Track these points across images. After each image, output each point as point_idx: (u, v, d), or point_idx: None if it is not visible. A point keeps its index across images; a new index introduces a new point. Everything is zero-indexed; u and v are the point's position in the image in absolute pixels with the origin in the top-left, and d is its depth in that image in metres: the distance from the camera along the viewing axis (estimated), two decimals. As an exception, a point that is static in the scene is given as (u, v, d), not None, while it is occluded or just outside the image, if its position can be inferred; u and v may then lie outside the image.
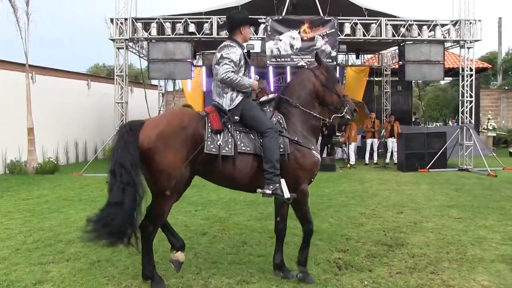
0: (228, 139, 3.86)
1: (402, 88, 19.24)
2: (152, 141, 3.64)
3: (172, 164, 3.67)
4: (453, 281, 4.14)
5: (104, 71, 35.35)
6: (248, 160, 3.92)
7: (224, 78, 3.90)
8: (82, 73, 20.07)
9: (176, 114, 4.01)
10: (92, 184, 10.37)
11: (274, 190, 3.82)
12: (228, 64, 3.89)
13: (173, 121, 3.80)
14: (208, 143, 3.78)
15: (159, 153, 3.64)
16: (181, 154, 3.70)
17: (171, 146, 3.66)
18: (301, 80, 4.37)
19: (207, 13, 12.59)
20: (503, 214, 6.98)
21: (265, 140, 3.88)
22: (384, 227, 6.16)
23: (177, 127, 3.74)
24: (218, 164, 3.82)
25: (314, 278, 4.15)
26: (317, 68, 4.38)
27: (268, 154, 3.84)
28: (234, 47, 4.00)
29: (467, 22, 12.83)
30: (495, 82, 29.83)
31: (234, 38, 4.12)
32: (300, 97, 4.23)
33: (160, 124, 3.77)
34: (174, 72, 12.46)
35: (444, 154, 13.03)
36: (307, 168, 4.10)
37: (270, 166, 3.83)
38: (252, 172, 3.94)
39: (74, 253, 4.99)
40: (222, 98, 4.03)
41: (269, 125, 3.95)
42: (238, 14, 4.26)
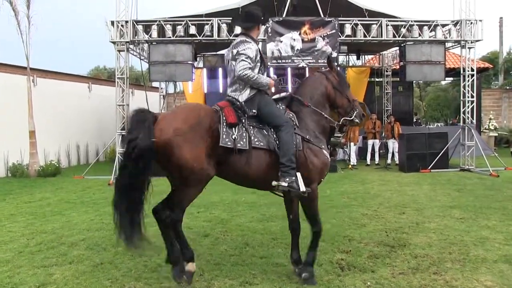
0: (242, 133, 3.86)
1: (403, 89, 19.22)
2: (170, 136, 3.62)
3: (192, 158, 3.65)
4: (456, 281, 4.13)
5: (105, 74, 35.38)
6: (261, 155, 3.92)
7: (241, 75, 3.91)
8: (83, 75, 20.14)
9: (191, 109, 3.97)
10: (94, 187, 10.39)
11: (290, 183, 3.83)
12: (245, 61, 3.92)
13: (189, 115, 3.78)
14: (223, 137, 3.77)
15: (178, 147, 3.62)
16: (200, 148, 3.69)
17: (189, 141, 3.65)
18: (314, 82, 4.46)
19: (208, 15, 12.60)
20: (505, 214, 6.97)
21: (282, 134, 3.90)
22: (386, 227, 6.15)
23: (194, 122, 3.72)
24: (233, 158, 3.82)
25: (317, 279, 4.15)
26: (329, 72, 4.49)
27: (285, 147, 3.86)
28: (250, 43, 4.02)
29: (468, 22, 12.82)
30: (497, 82, 29.81)
31: (249, 34, 4.14)
32: (313, 98, 4.30)
33: (176, 119, 3.76)
34: (175, 74, 12.47)
35: (445, 155, 13.01)
36: (318, 167, 4.13)
37: (287, 159, 3.84)
38: (265, 168, 3.94)
39: (77, 256, 5.00)
40: (237, 93, 4.06)
41: (285, 119, 4.02)
42: (259, 11, 4.24)
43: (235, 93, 4.07)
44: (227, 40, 12.64)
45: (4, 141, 12.24)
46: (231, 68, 4.07)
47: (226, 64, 4.23)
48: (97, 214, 7.32)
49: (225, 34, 12.29)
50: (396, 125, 14.58)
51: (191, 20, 12.31)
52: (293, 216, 4.38)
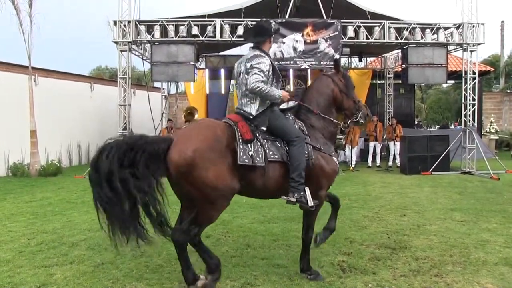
0: (258, 148, 3.86)
1: (404, 91, 19.21)
2: (189, 157, 3.54)
3: (216, 176, 3.61)
4: (457, 284, 4.14)
5: (107, 74, 35.43)
6: (276, 168, 3.95)
7: (253, 88, 3.91)
8: (85, 75, 20.13)
9: (207, 127, 3.87)
10: (95, 187, 10.37)
11: (299, 198, 3.90)
12: (257, 74, 3.93)
13: (207, 134, 3.72)
14: (240, 154, 3.74)
15: (199, 168, 3.55)
16: (221, 166, 3.65)
17: (210, 159, 3.60)
18: (321, 86, 4.48)
19: (211, 15, 12.63)
20: (506, 217, 6.97)
21: (293, 149, 3.94)
22: (387, 230, 6.16)
23: (212, 140, 3.68)
24: (251, 174, 3.82)
25: (318, 281, 4.17)
26: (335, 74, 4.53)
27: (296, 163, 3.90)
28: (264, 57, 4.04)
29: (470, 25, 12.83)
30: (498, 85, 29.81)
31: (261, 48, 4.17)
32: (320, 104, 4.35)
33: (193, 138, 3.68)
34: (177, 75, 12.49)
35: (446, 157, 13.01)
36: (328, 175, 4.21)
37: (297, 175, 3.90)
38: (279, 179, 3.97)
39: (78, 256, 5.00)
40: (248, 107, 4.06)
41: (297, 134, 4.02)
42: (269, 25, 4.30)
43: (246, 107, 4.07)
44: (230, 41, 12.68)
45: (5, 140, 12.25)
46: (243, 82, 4.08)
47: (237, 77, 4.23)
48: (98, 214, 7.31)
49: (228, 35, 12.31)
50: (398, 127, 14.57)
51: (193, 21, 12.33)
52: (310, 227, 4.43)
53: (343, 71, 4.61)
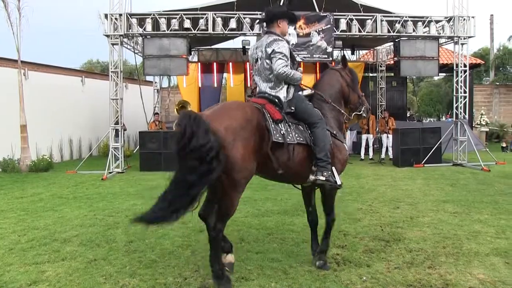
0: (287, 128, 3.95)
1: (397, 84, 19.27)
2: (221, 134, 3.50)
3: (243, 157, 3.59)
4: (450, 275, 4.17)
5: (98, 67, 35.12)
6: (301, 150, 4.03)
7: (281, 73, 3.99)
8: (76, 69, 19.95)
9: (238, 107, 3.88)
10: (87, 182, 10.32)
11: (327, 177, 4.03)
12: (282, 59, 4.00)
13: (238, 113, 3.72)
14: (274, 133, 3.81)
15: (230, 146, 3.53)
16: (250, 146, 3.65)
17: (240, 139, 3.59)
18: (330, 79, 4.65)
19: (203, 8, 12.53)
20: (496, 208, 7.06)
21: (318, 131, 4.06)
22: (381, 222, 6.18)
23: (243, 120, 3.68)
24: (278, 153, 3.86)
25: (312, 274, 4.18)
26: (343, 69, 4.72)
27: (321, 144, 4.03)
28: (282, 41, 4.11)
29: (461, 18, 12.86)
30: (488, 78, 29.97)
31: (274, 32, 4.21)
32: (332, 96, 4.52)
33: (224, 117, 3.66)
34: (170, 68, 12.38)
35: (438, 149, 13.09)
36: (342, 162, 4.40)
37: (324, 155, 4.02)
38: (303, 162, 4.06)
39: (70, 252, 4.95)
40: (277, 91, 4.12)
41: (320, 116, 4.19)
42: (275, 8, 4.42)
43: (272, 91, 4.13)
44: (222, 34, 12.61)
45: (-5, 135, 12.11)
46: (264, 66, 4.13)
47: (253, 63, 4.31)
48: (90, 209, 7.28)
49: (220, 28, 12.22)
50: (390, 120, 14.61)
51: (185, 14, 12.22)
52: (312, 208, 4.62)
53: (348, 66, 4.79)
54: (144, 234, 5.59)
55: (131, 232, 5.75)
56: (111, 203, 7.79)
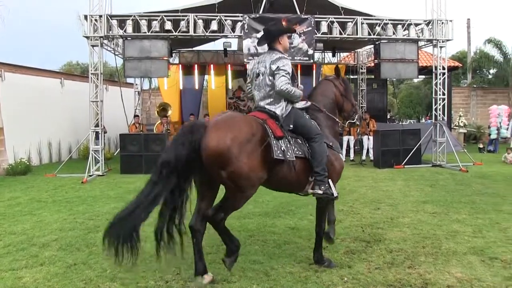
0: (287, 144, 4.06)
1: (377, 86, 19.50)
2: (227, 145, 3.64)
3: (249, 167, 3.74)
4: (429, 274, 4.23)
5: (78, 69, 34.67)
6: (300, 163, 4.14)
7: (283, 89, 4.11)
8: (55, 71, 19.65)
9: (244, 120, 3.99)
10: (67, 185, 10.17)
11: (325, 190, 4.19)
12: (285, 76, 4.13)
13: (244, 126, 3.84)
14: (275, 149, 3.92)
15: (235, 156, 3.67)
16: (255, 158, 3.79)
17: (246, 151, 3.73)
18: (325, 89, 4.78)
19: (184, 10, 12.48)
20: (474, 208, 7.20)
21: (316, 145, 4.19)
22: (362, 223, 6.24)
23: (249, 133, 3.81)
24: (279, 168, 3.99)
25: (294, 275, 4.20)
26: (336, 79, 4.86)
27: (319, 158, 4.16)
28: (286, 59, 4.25)
29: (439, 22, 13.08)
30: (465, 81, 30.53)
31: (276, 48, 4.34)
32: (326, 105, 4.65)
33: (230, 128, 3.78)
34: (150, 70, 12.28)
35: (418, 151, 13.27)
36: (338, 172, 4.55)
37: (321, 169, 4.16)
38: (302, 174, 4.18)
39: (49, 257, 4.86)
40: (275, 107, 4.23)
41: (318, 131, 4.30)
42: (274, 26, 4.54)
43: (271, 106, 4.24)
44: (203, 36, 12.58)
45: (-29, 138, 11.83)
46: (266, 82, 4.24)
47: (254, 77, 4.42)
48: (70, 213, 7.17)
49: (201, 30, 12.19)
50: (371, 121, 14.76)
51: (166, 16, 12.15)
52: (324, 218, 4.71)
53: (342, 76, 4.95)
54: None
55: (111, 236, 5.68)
56: (91, 207, 7.69)
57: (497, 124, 17.44)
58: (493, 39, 23.74)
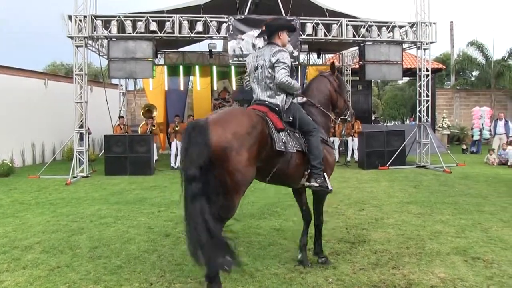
0: (287, 137, 4.10)
1: (362, 88, 19.64)
2: (228, 140, 3.56)
3: (247, 162, 3.66)
4: (413, 275, 4.28)
5: (62, 70, 34.24)
6: (298, 156, 4.18)
7: (283, 82, 4.14)
8: (39, 71, 19.37)
9: (244, 113, 3.93)
10: (50, 187, 10.04)
11: (321, 183, 4.26)
12: (285, 69, 4.17)
13: (244, 119, 3.79)
14: (277, 141, 3.95)
15: (236, 151, 3.59)
16: (253, 152, 3.73)
17: (246, 145, 3.66)
18: (319, 85, 4.82)
19: (169, 11, 12.42)
20: (457, 208, 7.30)
21: (313, 139, 4.26)
22: (346, 224, 6.28)
23: (249, 126, 3.75)
24: (279, 160, 4.01)
25: (279, 277, 4.21)
26: (331, 75, 4.91)
27: (316, 151, 4.24)
28: (285, 52, 4.28)
29: (423, 24, 13.23)
30: (449, 82, 30.93)
31: (274, 42, 4.36)
32: (321, 101, 4.71)
33: (230, 123, 3.71)
34: (135, 71, 12.20)
35: (403, 152, 13.40)
36: (332, 165, 4.62)
37: (318, 162, 4.23)
38: (299, 167, 4.24)
39: (31, 260, 4.80)
40: (276, 99, 4.25)
41: (314, 125, 4.37)
42: (275, 21, 4.58)
43: (271, 99, 4.26)
44: (189, 37, 12.54)
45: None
46: (266, 75, 4.25)
47: (252, 70, 4.40)
48: (53, 215, 7.08)
49: (187, 31, 12.15)
50: (356, 123, 14.84)
51: (152, 17, 12.09)
52: (305, 207, 4.82)
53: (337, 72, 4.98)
54: (110, 240, 5.50)
55: (95, 238, 5.64)
56: (75, 208, 7.60)
57: (479, 126, 17.72)
58: (476, 41, 24.13)
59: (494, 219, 6.50)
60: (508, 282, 4.09)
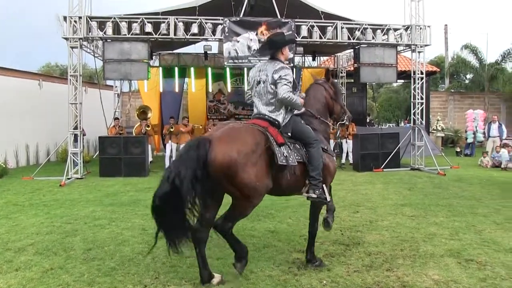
0: (288, 150, 4.21)
1: (357, 90, 19.69)
2: (234, 158, 3.80)
3: (256, 177, 3.91)
4: (407, 277, 4.29)
5: (57, 71, 34.10)
6: (299, 167, 4.30)
7: (285, 98, 4.24)
8: (33, 72, 19.27)
9: (246, 130, 4.15)
10: (44, 188, 9.99)
11: (319, 194, 4.34)
12: (287, 85, 4.27)
13: (247, 137, 4.01)
14: (278, 155, 4.06)
15: (242, 168, 3.83)
16: (261, 167, 3.97)
17: (252, 161, 3.90)
18: (316, 94, 4.90)
19: (164, 13, 12.41)
20: (451, 210, 7.33)
21: (313, 150, 4.36)
22: (341, 226, 6.29)
23: (253, 143, 3.98)
24: (281, 173, 4.16)
25: (273, 279, 4.22)
26: (326, 83, 5.00)
27: (316, 163, 4.33)
28: (288, 69, 4.40)
29: (418, 27, 13.29)
30: (443, 85, 31.06)
31: (278, 58, 4.47)
32: (319, 110, 4.81)
33: (235, 140, 3.93)
34: (130, 73, 12.16)
35: (397, 154, 13.43)
36: (333, 173, 4.73)
37: (317, 173, 4.32)
38: (300, 177, 4.36)
39: (24, 262, 4.77)
40: (276, 115, 4.37)
41: (315, 137, 4.46)
42: (278, 37, 4.63)
43: (272, 114, 4.37)
44: (184, 39, 12.53)
45: None
46: (268, 90, 4.36)
47: (254, 84, 4.51)
48: (47, 216, 7.05)
49: (182, 33, 12.13)
50: (351, 125, 14.83)
51: (147, 18, 12.06)
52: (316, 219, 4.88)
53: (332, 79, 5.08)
54: (104, 242, 5.48)
55: (89, 240, 5.62)
56: (69, 210, 7.57)
57: (473, 128, 17.81)
58: (470, 45, 24.25)
59: (488, 221, 6.55)
60: (501, 284, 4.12)
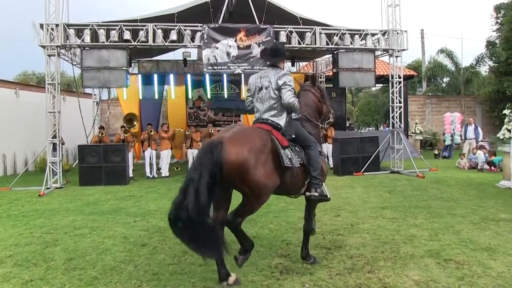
0: (292, 153, 4.41)
1: (336, 95, 19.86)
2: (245, 156, 3.97)
3: (265, 175, 4.08)
4: (388, 278, 4.36)
5: (33, 79, 33.56)
6: (299, 169, 4.51)
7: (290, 102, 4.47)
8: (10, 81, 18.93)
9: (254, 131, 4.36)
10: (23, 198, 9.81)
11: (320, 193, 4.62)
12: (291, 91, 4.52)
13: (256, 138, 4.20)
14: (283, 158, 4.25)
15: (254, 166, 4.00)
16: (269, 166, 4.15)
17: (261, 160, 4.08)
18: (306, 99, 5.10)
19: (143, 20, 12.36)
20: (430, 212, 7.46)
21: (312, 152, 4.60)
22: (322, 230, 6.34)
23: (261, 144, 4.16)
24: (285, 174, 4.33)
25: (256, 284, 4.23)
26: (312, 87, 5.30)
27: (315, 164, 4.59)
28: (291, 76, 4.63)
29: (395, 32, 13.54)
30: (421, 89, 31.62)
31: (279, 66, 4.73)
32: (311, 114, 5.04)
33: (245, 141, 4.12)
34: (109, 80, 12.07)
35: (377, 158, 13.61)
36: (325, 174, 4.94)
37: (318, 173, 4.60)
38: (301, 178, 4.58)
39: (3, 274, 4.69)
40: (279, 119, 4.58)
41: (313, 140, 4.71)
42: (283, 46, 4.93)
43: (275, 118, 4.58)
44: (163, 46, 12.49)
45: None
46: (271, 95, 4.57)
47: (256, 90, 4.71)
48: (26, 227, 6.92)
49: (161, 40, 12.11)
50: (330, 129, 14.98)
51: (125, 25, 12.00)
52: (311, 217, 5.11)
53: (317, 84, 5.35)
54: (85, 251, 5.42)
55: (70, 249, 5.55)
56: (49, 220, 7.45)
57: (451, 131, 18.16)
58: (445, 49, 24.77)
59: (465, 221, 6.69)
60: (477, 281, 4.22)
